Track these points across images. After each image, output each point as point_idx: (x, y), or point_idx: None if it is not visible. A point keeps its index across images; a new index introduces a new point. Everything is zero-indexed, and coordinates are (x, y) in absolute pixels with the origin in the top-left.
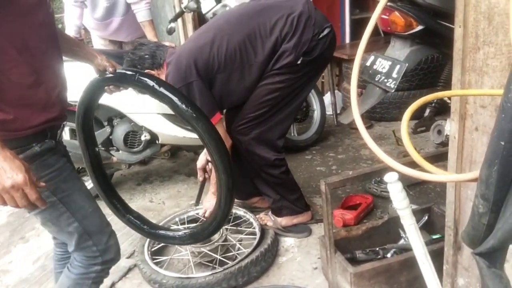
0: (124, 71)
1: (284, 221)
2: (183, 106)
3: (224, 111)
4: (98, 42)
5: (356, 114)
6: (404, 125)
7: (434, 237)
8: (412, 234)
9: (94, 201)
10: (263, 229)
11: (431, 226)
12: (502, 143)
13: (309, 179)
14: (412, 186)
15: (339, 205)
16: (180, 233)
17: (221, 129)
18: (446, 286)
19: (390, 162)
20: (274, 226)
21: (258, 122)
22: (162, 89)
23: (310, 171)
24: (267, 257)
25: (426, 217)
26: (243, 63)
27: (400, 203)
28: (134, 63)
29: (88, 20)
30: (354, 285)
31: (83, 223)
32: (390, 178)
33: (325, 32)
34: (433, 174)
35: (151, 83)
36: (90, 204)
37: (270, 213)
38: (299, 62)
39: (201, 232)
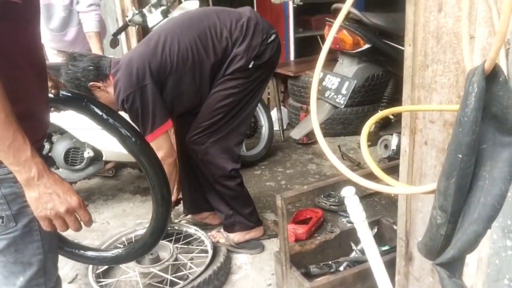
0: (70, 94)
1: (236, 237)
2: (133, 139)
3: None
4: (51, 53)
5: (316, 129)
6: (364, 139)
7: (383, 248)
8: (369, 247)
9: (55, 236)
10: (215, 247)
11: (380, 237)
12: (460, 156)
13: (259, 194)
14: (361, 199)
15: (290, 220)
16: (101, 254)
17: (167, 140)
18: None
19: (349, 174)
20: (226, 243)
21: (213, 130)
22: (111, 120)
23: (260, 186)
24: (220, 276)
25: (376, 229)
26: (195, 64)
27: (358, 216)
28: (76, 76)
29: (43, 31)
30: None
31: (47, 256)
32: (348, 193)
33: (272, 37)
34: (392, 186)
35: (99, 111)
36: (55, 237)
37: (222, 229)
38: (250, 66)
39: (126, 256)
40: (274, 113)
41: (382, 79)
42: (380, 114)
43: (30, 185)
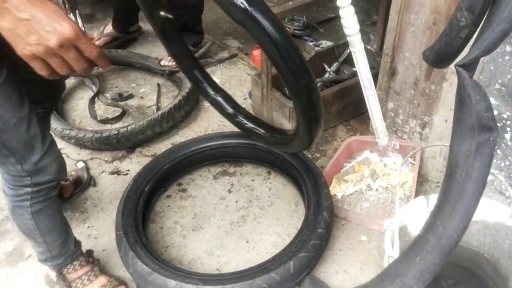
0: None
1: None
2: None
3: None
4: None
5: None
6: None
7: (355, 69)
8: (360, 59)
9: (22, 110)
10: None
11: (350, 59)
12: None
13: (218, 20)
14: (321, 24)
15: (257, 46)
16: (267, 133)
17: None
18: None
19: None
20: None
21: None
22: None
23: (217, 12)
24: (190, 101)
25: (348, 51)
26: None
27: (352, 28)
28: None
29: None
30: (292, 119)
31: (1, 137)
32: (343, 3)
33: None
34: None
35: None
36: (13, 114)
37: None
38: None
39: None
40: None
41: None
42: None
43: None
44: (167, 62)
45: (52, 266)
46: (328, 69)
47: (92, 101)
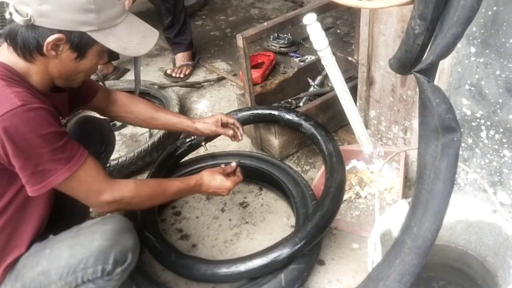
0: None
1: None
2: None
3: None
4: None
5: None
6: None
7: None
8: (333, 73)
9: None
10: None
11: None
12: None
13: (206, 45)
14: (306, 39)
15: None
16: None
17: None
18: None
19: None
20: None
21: None
22: None
23: (204, 36)
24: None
25: None
26: None
27: (320, 43)
28: None
29: None
30: (278, 135)
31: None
32: (309, 20)
33: None
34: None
35: None
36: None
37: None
38: None
39: None
40: None
41: None
42: None
43: (202, 192)
44: (177, 73)
45: None
46: (312, 83)
47: None
